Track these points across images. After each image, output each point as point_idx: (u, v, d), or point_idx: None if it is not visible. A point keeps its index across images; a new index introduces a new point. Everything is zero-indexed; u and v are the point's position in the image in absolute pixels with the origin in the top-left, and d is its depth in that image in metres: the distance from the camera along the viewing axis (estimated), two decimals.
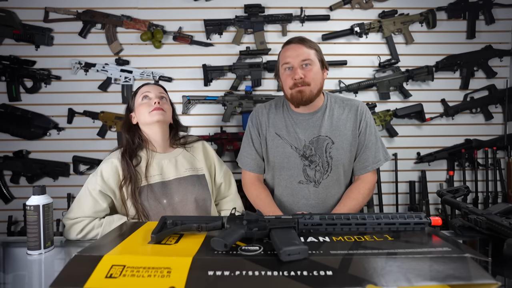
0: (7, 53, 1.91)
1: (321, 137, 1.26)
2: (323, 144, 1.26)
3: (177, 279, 0.54)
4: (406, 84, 1.98)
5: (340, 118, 1.28)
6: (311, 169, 1.27)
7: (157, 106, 1.17)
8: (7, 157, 1.91)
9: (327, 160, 1.27)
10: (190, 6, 1.96)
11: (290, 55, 1.22)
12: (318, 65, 1.24)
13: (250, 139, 1.37)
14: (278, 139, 1.30)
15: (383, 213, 0.77)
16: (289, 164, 1.29)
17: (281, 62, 1.26)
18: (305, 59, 1.21)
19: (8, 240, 1.23)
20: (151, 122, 1.18)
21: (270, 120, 1.34)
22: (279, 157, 1.30)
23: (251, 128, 1.37)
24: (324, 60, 1.28)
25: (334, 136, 1.26)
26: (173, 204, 1.16)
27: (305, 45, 1.23)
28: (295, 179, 1.29)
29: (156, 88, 1.23)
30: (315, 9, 1.97)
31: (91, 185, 1.11)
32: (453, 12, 1.98)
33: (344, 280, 0.53)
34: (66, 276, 0.57)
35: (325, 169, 1.27)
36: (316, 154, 1.27)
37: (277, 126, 1.32)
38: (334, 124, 1.27)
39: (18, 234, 1.91)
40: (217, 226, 0.76)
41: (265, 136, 1.34)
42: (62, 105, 1.94)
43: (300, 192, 1.29)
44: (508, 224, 0.76)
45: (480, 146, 1.99)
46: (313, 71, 1.22)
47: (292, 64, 1.22)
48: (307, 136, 1.28)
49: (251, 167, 1.36)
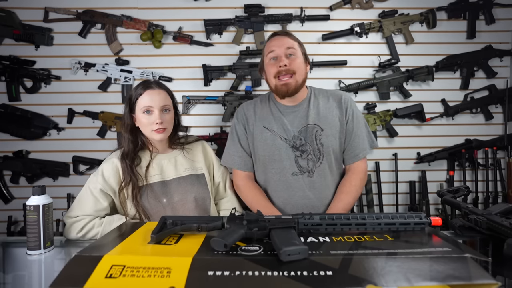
0: (7, 53, 1.91)
1: (310, 125, 1.27)
2: (312, 132, 1.27)
3: (177, 279, 0.54)
4: (406, 84, 1.98)
5: (326, 107, 1.30)
6: (303, 159, 1.27)
7: (159, 128, 1.13)
8: (7, 157, 1.91)
9: (318, 148, 1.26)
10: (190, 6, 1.96)
11: (274, 44, 1.25)
12: (302, 57, 1.27)
13: (235, 136, 1.35)
14: (267, 132, 1.29)
15: (383, 213, 0.77)
16: (280, 156, 1.27)
17: (266, 52, 1.28)
18: (289, 47, 1.24)
19: (8, 240, 1.23)
20: (151, 138, 1.18)
21: (256, 114, 1.33)
22: (268, 150, 1.28)
23: (236, 126, 1.36)
24: (307, 55, 1.31)
25: (322, 123, 1.27)
26: (173, 203, 1.16)
27: (289, 37, 1.27)
28: (288, 171, 1.27)
29: (160, 98, 1.14)
30: (315, 9, 1.97)
31: (92, 184, 1.11)
32: (453, 12, 1.98)
33: (344, 280, 0.53)
34: (66, 276, 0.57)
35: (317, 156, 1.27)
36: (306, 143, 1.26)
37: (265, 120, 1.31)
38: (321, 112, 1.29)
39: (18, 234, 1.91)
40: (217, 226, 0.76)
41: (252, 131, 1.32)
42: (62, 105, 1.94)
43: (295, 184, 1.27)
44: (508, 224, 0.76)
45: (480, 146, 1.99)
46: (297, 60, 1.24)
47: (277, 52, 1.24)
48: (296, 127, 1.28)
49: (239, 165, 1.34)
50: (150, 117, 1.13)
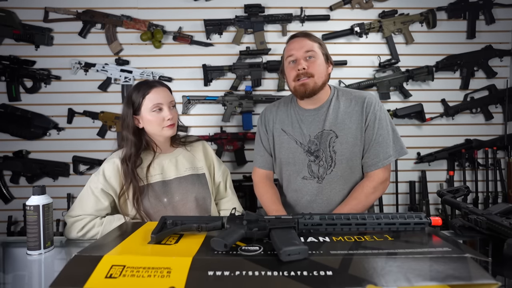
0: (7, 53, 1.91)
1: (325, 131, 1.25)
2: (327, 138, 1.25)
3: (177, 279, 0.54)
4: (406, 84, 1.98)
5: (346, 111, 1.25)
6: (315, 164, 1.26)
7: (171, 123, 1.15)
8: (7, 157, 1.91)
9: (331, 155, 1.25)
10: (190, 6, 1.95)
11: (293, 47, 1.24)
12: (322, 58, 1.24)
13: (259, 137, 1.41)
14: (284, 135, 1.31)
15: (383, 213, 0.77)
16: (294, 159, 1.29)
17: (285, 56, 1.27)
18: (308, 50, 1.21)
19: (8, 240, 1.23)
20: (161, 135, 1.18)
21: (277, 117, 1.35)
22: (284, 153, 1.31)
23: (259, 126, 1.41)
24: (329, 55, 1.28)
25: (338, 129, 1.24)
26: (174, 203, 1.16)
27: (309, 39, 1.24)
28: (299, 175, 1.29)
29: (167, 95, 1.17)
30: (315, 9, 1.97)
31: (93, 184, 1.11)
32: (453, 12, 1.98)
33: (344, 280, 0.53)
34: (66, 276, 0.57)
35: (329, 164, 1.25)
36: (320, 148, 1.25)
37: (283, 122, 1.33)
38: (339, 117, 1.25)
39: (18, 234, 1.91)
40: (217, 226, 0.76)
41: (272, 132, 1.36)
42: (62, 105, 1.94)
43: (303, 188, 1.28)
44: (508, 224, 0.76)
45: (480, 146, 1.99)
46: (316, 63, 1.22)
47: (296, 56, 1.22)
48: (312, 131, 1.27)
49: (260, 163, 1.40)
50: (161, 114, 1.14)
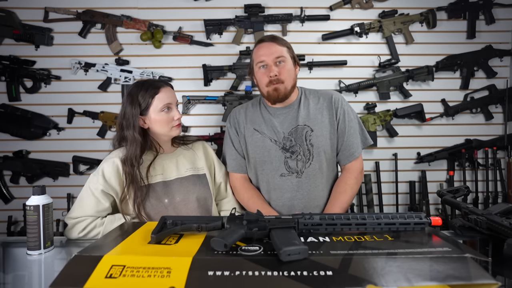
0: (7, 53, 1.91)
1: (300, 126, 1.28)
2: (303, 132, 1.28)
3: (177, 279, 0.54)
4: (406, 84, 1.98)
5: (316, 108, 1.31)
6: (292, 160, 1.28)
7: (179, 123, 1.18)
8: (7, 157, 1.91)
9: (308, 148, 1.27)
10: (190, 6, 1.95)
11: (263, 53, 1.25)
12: (291, 62, 1.28)
13: (229, 140, 1.37)
14: (257, 134, 1.31)
15: (383, 213, 0.77)
16: (270, 157, 1.29)
17: (255, 61, 1.29)
18: (278, 56, 1.24)
19: (8, 240, 1.23)
20: (168, 135, 1.19)
21: (247, 117, 1.35)
22: (259, 152, 1.30)
23: (229, 129, 1.38)
24: (296, 57, 1.32)
25: (312, 124, 1.28)
26: (175, 203, 1.16)
27: (277, 43, 1.27)
28: (276, 173, 1.29)
29: (174, 94, 1.19)
30: (315, 9, 1.97)
31: (93, 185, 1.09)
32: (453, 12, 1.98)
33: (344, 280, 0.53)
34: (66, 276, 0.57)
35: (307, 157, 1.27)
36: (296, 144, 1.27)
37: (255, 122, 1.33)
38: (311, 113, 1.30)
39: (18, 234, 1.91)
40: (217, 226, 0.76)
41: (244, 133, 1.34)
42: (62, 105, 1.94)
43: (283, 185, 1.28)
44: (508, 224, 0.76)
45: (480, 146, 1.99)
46: (286, 68, 1.25)
47: (266, 62, 1.25)
48: (286, 128, 1.29)
49: (234, 167, 1.35)
50: (170, 114, 1.15)
